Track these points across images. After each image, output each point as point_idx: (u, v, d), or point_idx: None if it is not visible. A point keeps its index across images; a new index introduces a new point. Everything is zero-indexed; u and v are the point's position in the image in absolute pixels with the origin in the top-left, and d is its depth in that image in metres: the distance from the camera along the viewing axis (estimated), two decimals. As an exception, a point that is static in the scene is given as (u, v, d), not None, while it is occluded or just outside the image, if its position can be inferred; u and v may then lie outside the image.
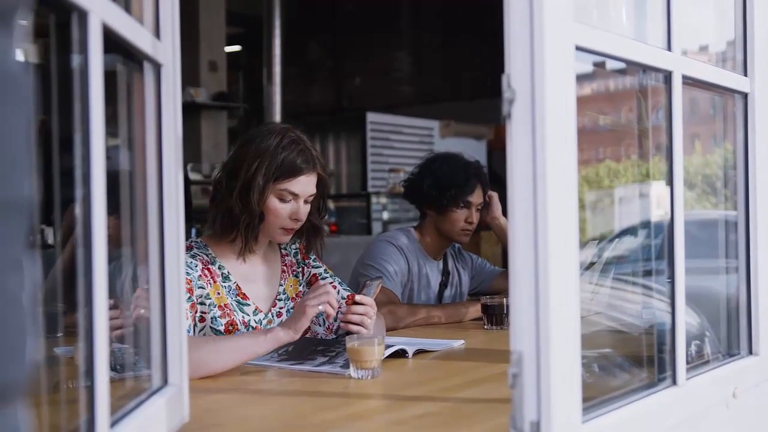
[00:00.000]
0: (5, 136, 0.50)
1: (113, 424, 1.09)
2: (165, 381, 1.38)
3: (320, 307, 2.01)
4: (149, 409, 1.25)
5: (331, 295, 2.03)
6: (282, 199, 2.21)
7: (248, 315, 2.24)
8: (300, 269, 2.43)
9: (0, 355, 0.52)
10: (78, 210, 1.01)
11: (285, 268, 2.39)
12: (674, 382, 1.54)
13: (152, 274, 1.38)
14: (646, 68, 1.58)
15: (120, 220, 1.33)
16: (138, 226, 1.37)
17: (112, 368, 1.13)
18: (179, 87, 1.41)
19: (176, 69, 1.40)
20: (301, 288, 2.40)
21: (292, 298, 2.37)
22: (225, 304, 2.19)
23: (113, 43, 1.12)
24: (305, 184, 2.22)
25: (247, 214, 2.18)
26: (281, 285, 2.36)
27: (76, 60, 1.01)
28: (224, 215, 2.21)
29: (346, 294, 2.40)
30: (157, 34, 1.36)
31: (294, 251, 2.44)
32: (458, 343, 2.37)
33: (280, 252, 2.41)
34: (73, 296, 1.05)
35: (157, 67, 1.35)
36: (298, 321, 2.00)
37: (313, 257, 2.45)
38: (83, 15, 1.00)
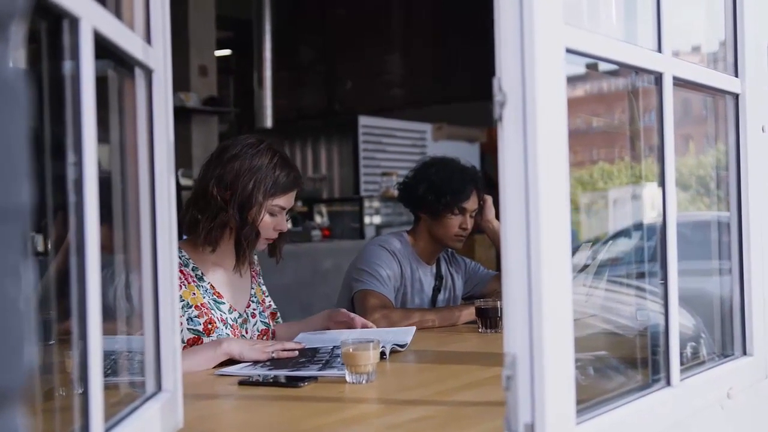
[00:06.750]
0: (3, 143, 0.50)
1: (107, 430, 1.08)
2: (159, 387, 1.37)
3: (274, 354, 2.14)
4: (144, 415, 1.25)
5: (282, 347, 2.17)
6: (272, 214, 2.33)
7: (225, 313, 2.32)
8: (260, 279, 2.56)
9: None
10: (71, 217, 1.00)
11: (254, 274, 2.52)
12: (668, 382, 1.54)
13: (145, 280, 1.37)
14: (636, 70, 1.58)
15: (112, 227, 1.32)
16: (130, 233, 1.37)
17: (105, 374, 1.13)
18: (170, 92, 1.41)
19: (167, 74, 1.40)
20: (264, 296, 2.54)
21: (261, 302, 2.49)
22: (202, 304, 2.28)
23: (103, 48, 1.11)
24: (292, 199, 2.38)
25: (248, 229, 2.29)
26: (252, 288, 2.48)
27: (67, 66, 1.01)
28: (218, 228, 2.29)
29: (266, 319, 2.50)
30: (148, 39, 1.35)
31: (256, 261, 2.57)
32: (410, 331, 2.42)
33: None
34: (66, 304, 1.04)
35: (148, 72, 1.35)
36: (250, 350, 2.11)
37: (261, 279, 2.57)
38: (74, 21, 1.00)
